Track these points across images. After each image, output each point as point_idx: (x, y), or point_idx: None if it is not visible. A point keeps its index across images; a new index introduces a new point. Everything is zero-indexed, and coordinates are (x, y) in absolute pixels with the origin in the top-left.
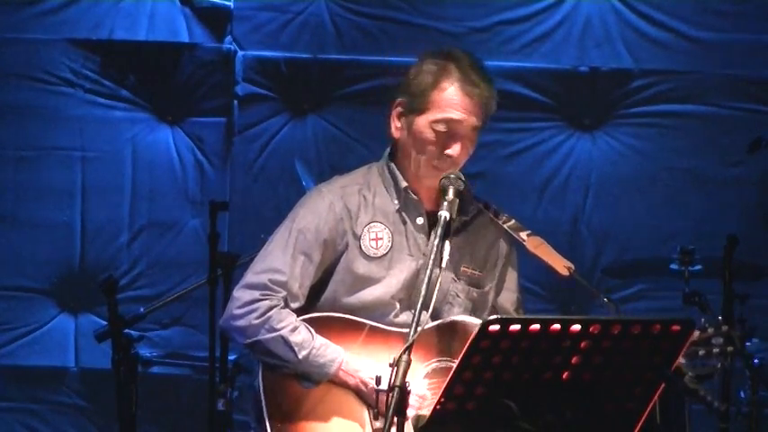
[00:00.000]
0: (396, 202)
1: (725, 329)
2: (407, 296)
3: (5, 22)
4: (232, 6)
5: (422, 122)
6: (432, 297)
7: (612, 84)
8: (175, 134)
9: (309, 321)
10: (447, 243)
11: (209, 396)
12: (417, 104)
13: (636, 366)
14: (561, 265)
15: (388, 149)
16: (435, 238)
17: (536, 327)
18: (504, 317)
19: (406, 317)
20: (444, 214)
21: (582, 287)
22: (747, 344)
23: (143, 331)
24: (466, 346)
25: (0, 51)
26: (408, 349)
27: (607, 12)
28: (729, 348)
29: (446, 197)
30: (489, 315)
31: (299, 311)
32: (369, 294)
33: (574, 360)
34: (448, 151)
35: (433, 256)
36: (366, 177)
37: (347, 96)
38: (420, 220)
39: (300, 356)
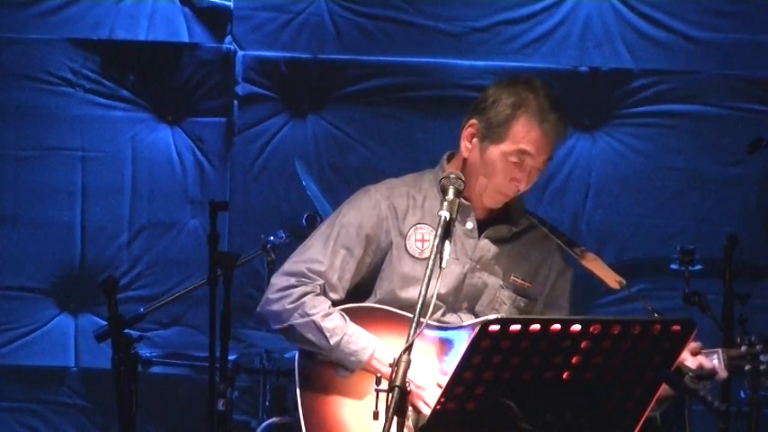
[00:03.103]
0: None
1: None
2: (453, 299)
3: (5, 22)
4: (232, 6)
5: (495, 152)
6: (432, 297)
7: (612, 84)
8: (175, 134)
9: (347, 312)
10: (447, 243)
11: (210, 396)
12: (493, 133)
13: (636, 366)
14: (613, 279)
15: (445, 156)
16: (435, 238)
17: (536, 327)
18: (504, 317)
19: (450, 318)
20: (444, 214)
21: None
22: None
23: (143, 331)
24: (466, 347)
25: (0, 51)
26: (408, 349)
27: (607, 12)
28: None
29: (446, 197)
30: None
31: (340, 304)
32: (412, 294)
33: (574, 360)
34: (516, 184)
35: (432, 257)
36: (417, 181)
37: (347, 96)
38: (469, 225)
39: (332, 342)
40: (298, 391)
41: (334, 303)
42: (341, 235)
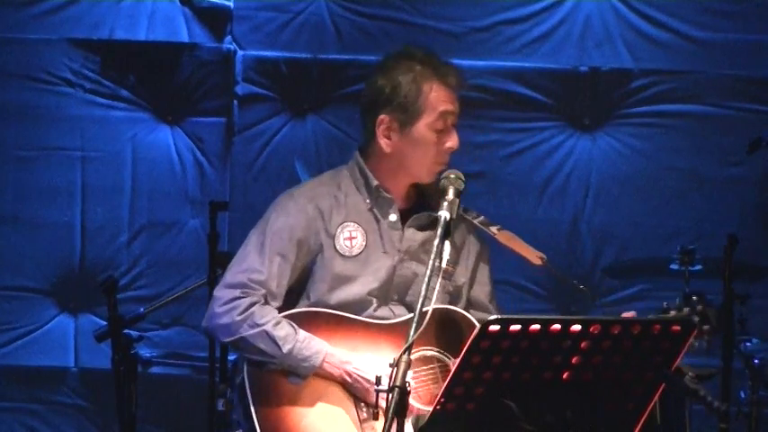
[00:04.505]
0: (368, 201)
1: (700, 308)
2: (384, 293)
3: (5, 22)
4: (232, 6)
5: (420, 128)
6: (432, 296)
7: (612, 84)
8: (175, 134)
9: (291, 317)
10: (447, 243)
11: (209, 396)
12: (411, 114)
13: (636, 366)
14: (534, 255)
15: (357, 152)
16: (436, 238)
17: (536, 327)
18: (504, 317)
19: (383, 312)
20: (444, 215)
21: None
22: (747, 344)
23: (143, 331)
24: (466, 346)
25: (0, 51)
26: (408, 349)
27: (607, 12)
28: (705, 327)
29: (446, 197)
30: (465, 308)
31: (278, 311)
32: (346, 292)
33: (574, 360)
34: (449, 144)
35: (433, 257)
36: (336, 179)
37: (347, 96)
38: (393, 218)
39: (285, 350)
40: (251, 404)
41: (276, 310)
42: (274, 242)
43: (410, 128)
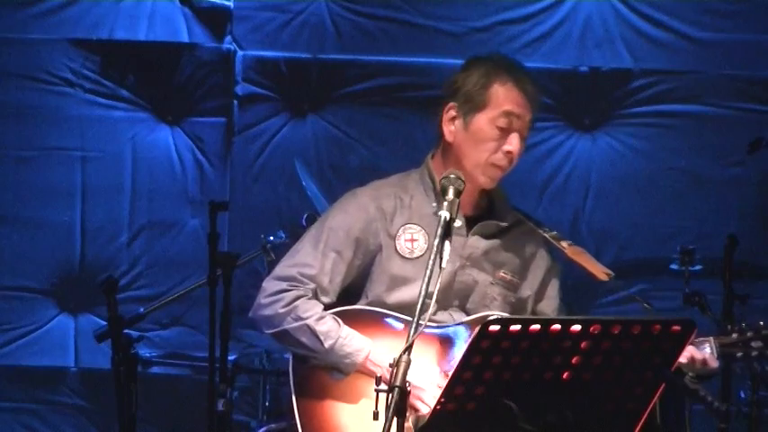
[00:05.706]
0: (434, 204)
1: (765, 333)
2: (443, 297)
3: (5, 22)
4: (232, 6)
5: (481, 120)
6: (432, 297)
7: (612, 84)
8: (175, 134)
9: (338, 314)
10: (447, 243)
11: (209, 396)
12: (475, 104)
13: (636, 366)
14: (601, 271)
15: (430, 155)
16: (435, 238)
17: (536, 327)
18: (504, 317)
19: (441, 316)
20: (444, 214)
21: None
22: None
23: (143, 331)
24: (466, 347)
25: (0, 51)
26: (408, 350)
27: (607, 12)
28: None
29: (446, 197)
30: None
31: (330, 307)
32: (405, 294)
33: (574, 360)
34: (507, 147)
35: (433, 257)
36: (403, 181)
37: (347, 96)
38: (458, 223)
39: (326, 345)
40: (293, 396)
41: (326, 307)
42: (330, 238)
43: (471, 118)
